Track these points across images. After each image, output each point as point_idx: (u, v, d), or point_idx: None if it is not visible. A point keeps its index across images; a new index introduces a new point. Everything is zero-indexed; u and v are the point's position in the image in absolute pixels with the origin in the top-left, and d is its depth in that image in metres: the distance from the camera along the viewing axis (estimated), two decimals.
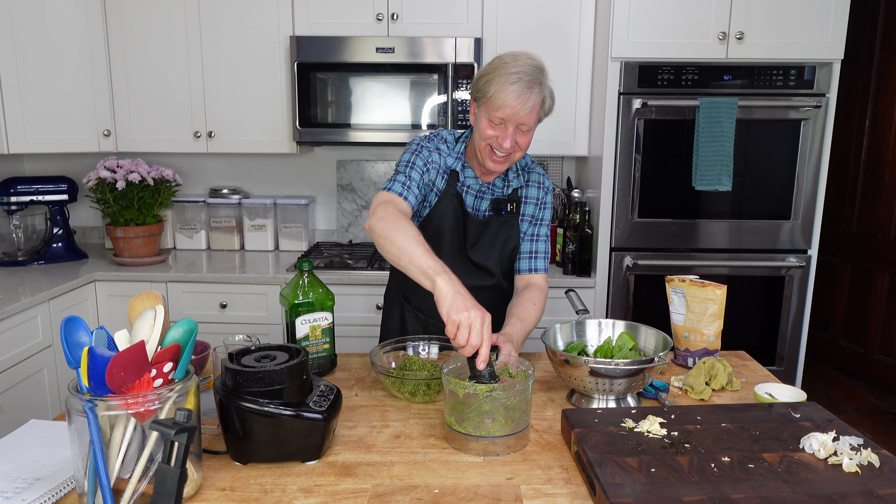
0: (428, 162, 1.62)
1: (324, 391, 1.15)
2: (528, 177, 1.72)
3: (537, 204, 1.71)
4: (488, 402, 1.14)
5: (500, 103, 1.46)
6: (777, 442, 1.07)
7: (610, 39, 2.47)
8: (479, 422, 1.14)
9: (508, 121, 1.48)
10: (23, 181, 2.74)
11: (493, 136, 1.51)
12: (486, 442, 1.14)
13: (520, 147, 1.54)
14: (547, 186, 1.74)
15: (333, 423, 1.14)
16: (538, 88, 1.47)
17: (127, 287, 2.60)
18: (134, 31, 2.74)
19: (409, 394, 1.37)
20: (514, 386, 1.16)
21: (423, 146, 1.64)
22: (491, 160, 1.56)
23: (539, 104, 1.50)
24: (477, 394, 1.13)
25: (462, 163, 1.65)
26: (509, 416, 1.15)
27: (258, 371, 1.07)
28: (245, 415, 1.06)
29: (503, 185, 1.69)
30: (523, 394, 1.16)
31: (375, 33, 2.68)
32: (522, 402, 1.17)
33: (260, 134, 2.81)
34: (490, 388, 1.13)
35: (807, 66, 2.47)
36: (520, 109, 1.46)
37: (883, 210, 3.61)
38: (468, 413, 1.15)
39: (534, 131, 1.56)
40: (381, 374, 1.39)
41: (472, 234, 1.66)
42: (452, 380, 1.16)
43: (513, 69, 1.46)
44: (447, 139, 1.68)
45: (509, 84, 1.45)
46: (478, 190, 1.67)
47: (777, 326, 2.65)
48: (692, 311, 1.55)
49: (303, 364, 1.12)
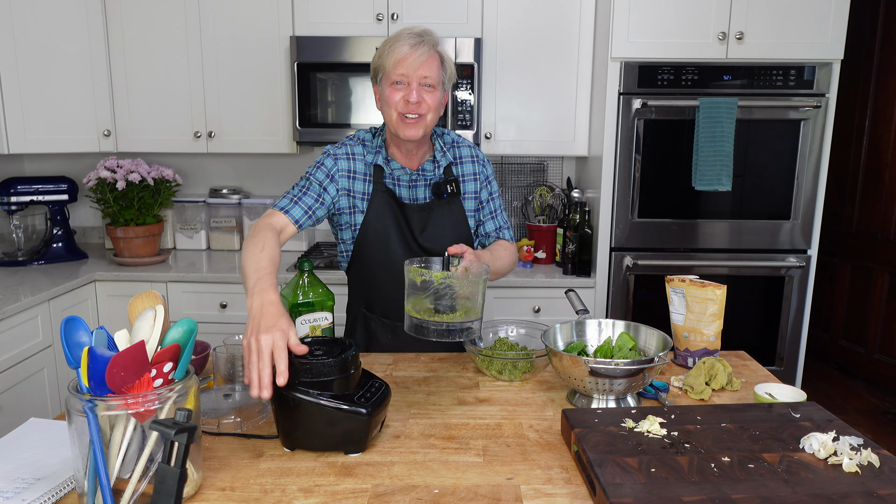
0: (332, 172, 1.60)
1: (374, 387, 1.18)
2: (459, 152, 1.70)
3: (475, 178, 1.70)
4: (443, 289, 1.25)
5: (396, 58, 1.50)
6: (777, 442, 1.07)
7: (610, 39, 2.47)
8: (433, 310, 1.26)
9: (408, 75, 1.50)
10: (23, 181, 2.74)
11: (400, 97, 1.52)
12: (443, 328, 1.25)
13: (429, 107, 1.53)
14: (482, 159, 1.73)
15: (378, 418, 1.15)
16: (428, 42, 1.51)
17: (127, 287, 2.60)
18: (134, 31, 2.74)
19: (497, 372, 1.48)
20: (467, 276, 1.28)
21: (329, 154, 1.62)
22: (404, 124, 1.53)
23: (437, 60, 1.53)
24: (432, 280, 1.25)
25: (384, 156, 1.63)
26: (462, 307, 1.27)
27: (307, 362, 1.10)
28: (292, 403, 1.10)
29: (433, 166, 1.66)
30: (474, 285, 1.28)
31: (375, 33, 2.68)
32: (475, 294, 1.28)
33: (260, 134, 2.81)
34: (444, 276, 1.26)
35: (806, 66, 2.48)
36: (415, 59, 1.49)
37: (883, 210, 3.61)
38: (424, 300, 1.26)
39: (440, 94, 1.55)
40: (473, 354, 1.50)
41: (416, 223, 1.64)
42: (411, 268, 1.28)
43: (400, 34, 1.53)
44: (363, 138, 1.66)
45: (398, 43, 1.51)
46: (409, 180, 1.65)
47: (777, 326, 2.65)
48: (692, 311, 1.55)
49: (351, 358, 1.14)
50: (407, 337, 1.68)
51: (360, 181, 1.62)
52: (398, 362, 1.60)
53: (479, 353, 1.48)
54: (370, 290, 1.70)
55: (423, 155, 1.66)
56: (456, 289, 1.25)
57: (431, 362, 1.60)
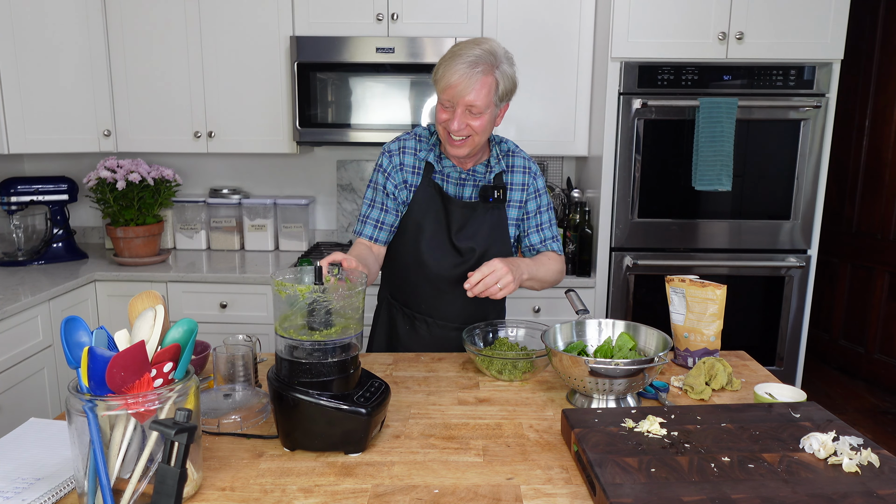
0: (389, 180, 1.66)
1: (374, 387, 1.18)
2: (512, 161, 1.72)
3: (524, 189, 1.71)
4: (311, 304, 1.13)
5: (445, 84, 1.50)
6: (777, 442, 1.07)
7: (610, 39, 2.47)
8: (304, 326, 1.14)
9: (455, 101, 1.51)
10: (23, 181, 2.74)
11: (445, 119, 1.54)
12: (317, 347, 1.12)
13: (474, 130, 1.54)
14: (534, 171, 1.74)
15: (378, 418, 1.15)
16: (483, 68, 1.49)
17: (127, 287, 2.60)
18: (134, 31, 2.74)
19: (497, 372, 1.48)
20: (338, 290, 1.14)
21: (385, 152, 1.69)
22: (449, 144, 1.58)
23: (488, 86, 1.50)
24: (297, 295, 1.12)
25: (437, 153, 1.66)
26: (338, 322, 1.15)
27: (307, 362, 1.11)
28: (291, 403, 1.10)
29: (485, 170, 1.68)
30: (349, 298, 1.15)
31: (375, 33, 2.68)
32: (353, 307, 1.15)
33: (260, 134, 2.81)
34: (310, 290, 1.12)
35: (806, 66, 2.47)
36: (462, 89, 1.48)
37: (883, 210, 3.61)
38: (293, 317, 1.14)
39: (490, 115, 1.55)
40: (472, 354, 1.49)
41: (456, 220, 1.66)
42: (275, 282, 1.14)
43: (460, 52, 1.50)
44: (420, 134, 1.70)
45: (454, 65, 1.48)
46: (458, 178, 1.67)
47: (777, 326, 2.65)
48: (692, 311, 1.55)
49: (351, 358, 1.15)
50: (424, 330, 1.70)
51: (410, 173, 1.67)
52: (398, 362, 1.60)
53: (479, 353, 1.48)
54: (396, 278, 1.75)
55: (479, 158, 1.68)
56: (328, 303, 1.13)
57: (431, 362, 1.60)
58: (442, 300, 1.70)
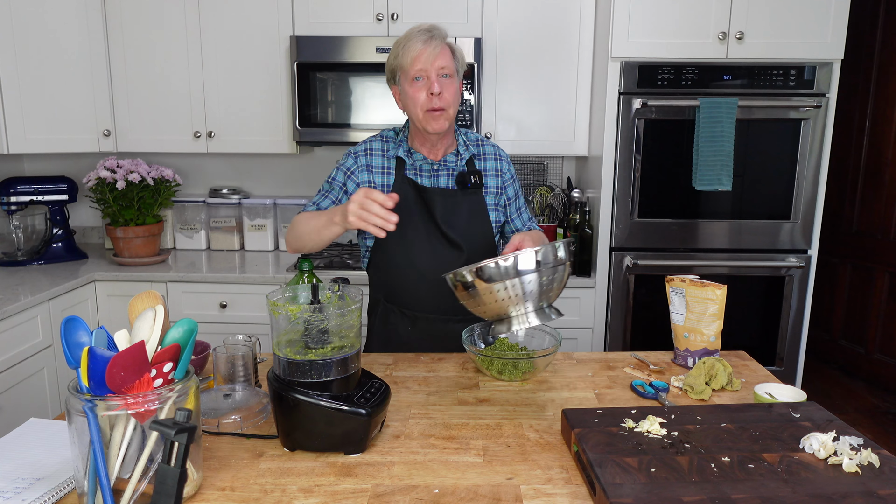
0: (352, 169, 1.68)
1: (374, 387, 1.18)
2: (483, 149, 1.75)
3: (498, 174, 1.74)
4: (302, 323, 1.12)
5: (412, 56, 1.54)
6: (777, 442, 1.07)
7: (610, 39, 2.47)
8: (302, 344, 1.13)
9: (427, 69, 1.55)
10: (23, 181, 2.74)
11: (423, 92, 1.57)
12: (316, 364, 1.11)
13: (449, 99, 1.58)
14: (504, 157, 1.78)
15: (378, 419, 1.15)
16: (439, 39, 1.56)
17: (127, 287, 2.60)
18: (134, 31, 2.74)
19: (497, 372, 1.48)
20: (330, 308, 1.13)
21: (350, 153, 1.71)
22: (432, 119, 1.59)
23: (449, 52, 1.58)
24: (289, 315, 1.12)
25: (405, 149, 1.68)
26: (335, 341, 1.14)
27: (306, 362, 1.10)
28: (291, 403, 1.10)
29: (456, 159, 1.70)
30: (343, 318, 1.14)
31: (375, 33, 2.68)
32: (349, 323, 1.14)
33: (260, 134, 2.81)
34: (300, 310, 1.12)
35: (807, 66, 2.47)
36: (430, 53, 1.54)
37: (883, 210, 3.61)
38: (288, 335, 1.13)
39: (458, 82, 1.61)
40: (472, 354, 1.49)
41: (439, 209, 1.66)
42: (269, 301, 1.14)
43: (411, 34, 1.57)
44: (385, 135, 1.73)
45: (412, 42, 1.55)
46: (430, 170, 1.68)
47: (777, 326, 2.65)
48: (692, 311, 1.55)
49: (351, 358, 1.14)
50: (426, 328, 1.69)
51: (378, 174, 1.67)
52: (398, 362, 1.60)
53: (479, 353, 1.48)
54: (391, 281, 1.73)
55: (447, 148, 1.71)
56: (322, 322, 1.12)
57: (431, 362, 1.60)
58: (440, 293, 1.69)
